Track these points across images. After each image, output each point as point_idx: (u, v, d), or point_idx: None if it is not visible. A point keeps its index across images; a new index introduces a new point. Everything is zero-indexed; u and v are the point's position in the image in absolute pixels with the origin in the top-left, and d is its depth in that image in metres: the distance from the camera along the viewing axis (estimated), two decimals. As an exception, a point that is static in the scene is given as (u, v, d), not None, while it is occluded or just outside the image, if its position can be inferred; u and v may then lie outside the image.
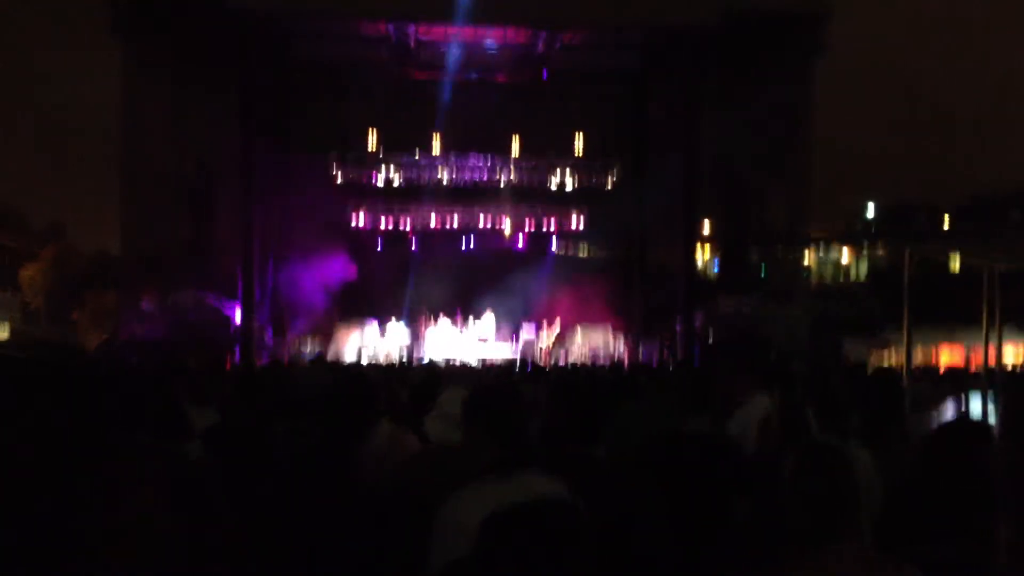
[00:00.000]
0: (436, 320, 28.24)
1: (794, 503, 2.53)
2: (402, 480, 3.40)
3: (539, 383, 9.07)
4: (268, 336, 27.84)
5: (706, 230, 31.98)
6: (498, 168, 30.66)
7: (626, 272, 30.87)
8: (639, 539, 3.13)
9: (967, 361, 21.40)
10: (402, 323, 28.36)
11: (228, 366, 19.78)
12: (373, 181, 30.55)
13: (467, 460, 2.88)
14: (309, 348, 27.11)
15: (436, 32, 28.62)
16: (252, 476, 2.77)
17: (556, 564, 2.42)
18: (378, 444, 4.39)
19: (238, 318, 26.85)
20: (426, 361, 23.66)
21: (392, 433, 4.50)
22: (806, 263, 32.96)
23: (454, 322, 28.45)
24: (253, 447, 3.29)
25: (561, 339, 28.60)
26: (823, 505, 2.47)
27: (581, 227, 31.54)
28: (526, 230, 32.09)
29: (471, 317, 28.48)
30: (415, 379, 9.55)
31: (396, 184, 30.59)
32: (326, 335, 28.49)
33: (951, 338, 24.10)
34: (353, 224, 30.96)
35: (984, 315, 7.32)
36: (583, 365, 23.57)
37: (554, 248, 32.03)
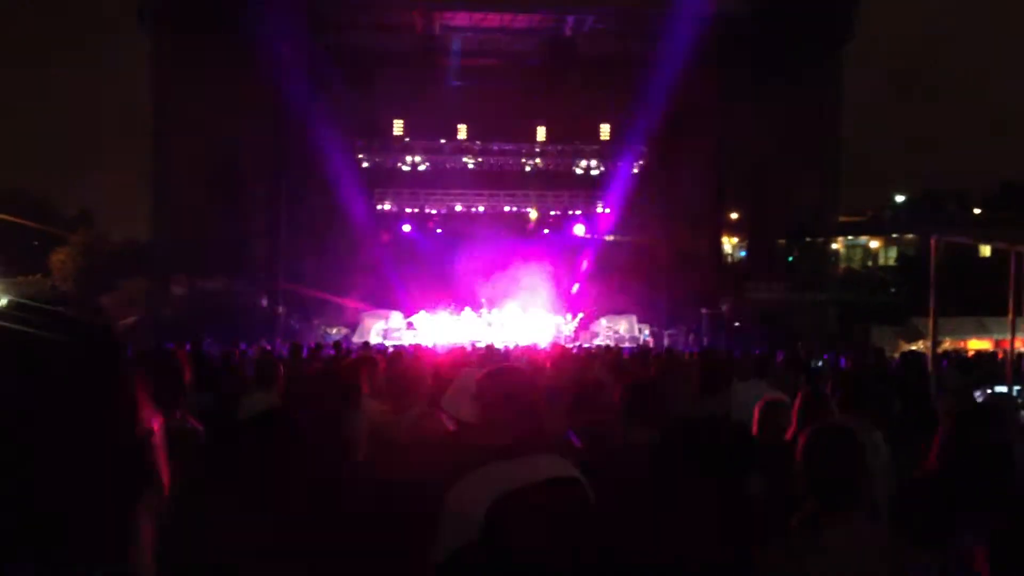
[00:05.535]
0: (460, 309, 28.11)
1: (802, 479, 2.59)
2: (418, 463, 3.41)
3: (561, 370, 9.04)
4: (294, 321, 28.01)
5: (733, 217, 31.76)
6: (523, 154, 30.53)
7: (652, 259, 30.64)
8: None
9: (995, 346, 21.20)
10: (423, 313, 28.16)
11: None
12: (399, 168, 30.55)
13: (479, 442, 2.88)
14: (335, 333, 27.17)
15: (461, 18, 28.53)
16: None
17: (562, 542, 2.42)
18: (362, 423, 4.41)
19: (264, 304, 27.04)
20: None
21: (378, 411, 4.53)
22: (834, 248, 32.67)
23: (478, 309, 28.33)
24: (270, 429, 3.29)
25: (585, 324, 28.45)
26: (830, 481, 2.53)
27: (607, 213, 31.37)
28: (551, 216, 32.05)
29: (495, 305, 28.29)
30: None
31: (422, 170, 30.56)
32: (351, 322, 28.57)
33: (981, 331, 23.79)
34: (379, 210, 31.02)
35: (1010, 299, 7.21)
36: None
37: (579, 234, 31.90)
